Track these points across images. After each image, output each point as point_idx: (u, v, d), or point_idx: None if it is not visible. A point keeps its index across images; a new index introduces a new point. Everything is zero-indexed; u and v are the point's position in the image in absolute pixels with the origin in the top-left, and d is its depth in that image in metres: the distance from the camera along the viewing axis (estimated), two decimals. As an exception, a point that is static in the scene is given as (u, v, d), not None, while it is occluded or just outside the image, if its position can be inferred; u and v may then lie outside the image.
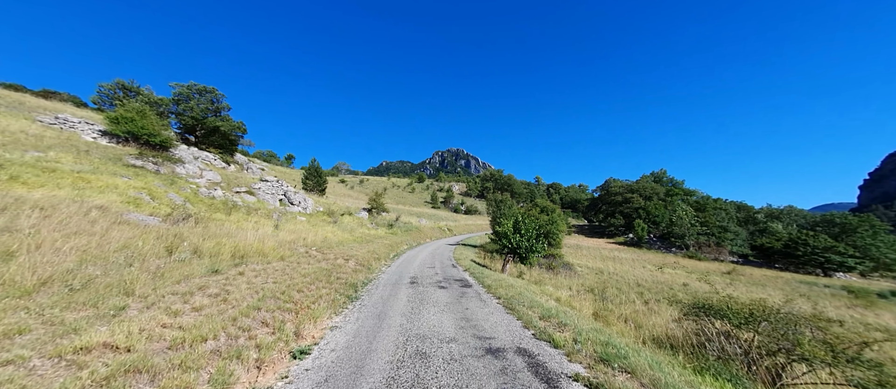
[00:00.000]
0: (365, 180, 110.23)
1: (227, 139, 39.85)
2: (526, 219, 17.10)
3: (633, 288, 18.30)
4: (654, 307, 12.23)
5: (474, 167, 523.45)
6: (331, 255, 11.83)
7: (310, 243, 13.10)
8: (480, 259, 21.88)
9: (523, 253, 15.59)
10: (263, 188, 25.81)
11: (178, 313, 4.23)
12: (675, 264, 39.20)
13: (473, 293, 8.79)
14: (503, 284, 9.67)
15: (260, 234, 10.72)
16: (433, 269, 13.72)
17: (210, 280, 5.71)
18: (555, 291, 12.17)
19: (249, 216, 17.25)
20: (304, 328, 4.83)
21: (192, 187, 17.91)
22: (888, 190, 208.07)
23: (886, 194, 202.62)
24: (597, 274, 23.39)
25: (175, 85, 34.58)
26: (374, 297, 7.77)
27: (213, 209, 15.59)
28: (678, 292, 18.20)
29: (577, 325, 5.50)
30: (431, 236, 36.64)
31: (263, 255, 8.17)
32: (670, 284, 21.44)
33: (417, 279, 10.85)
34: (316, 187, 52.59)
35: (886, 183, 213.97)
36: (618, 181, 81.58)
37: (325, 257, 11.16)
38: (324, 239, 15.98)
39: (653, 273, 28.37)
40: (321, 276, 8.28)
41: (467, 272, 12.83)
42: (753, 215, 55.42)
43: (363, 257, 14.08)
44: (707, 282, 26.16)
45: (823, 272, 36.64)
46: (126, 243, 5.77)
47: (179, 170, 19.79)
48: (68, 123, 19.31)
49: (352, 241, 19.01)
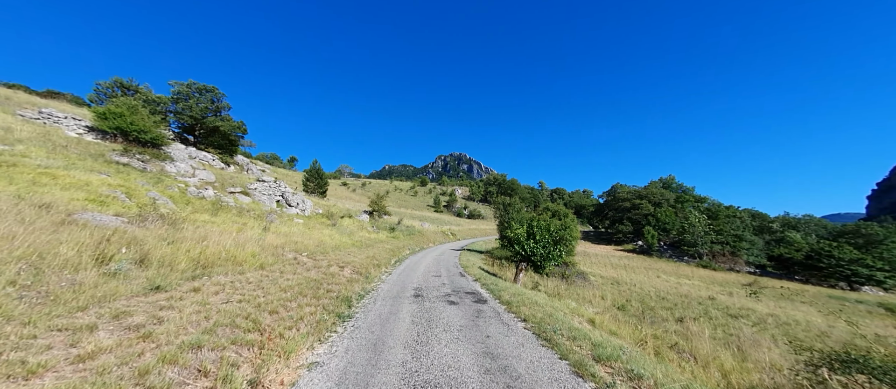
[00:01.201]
0: (367, 183, 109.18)
1: (227, 140, 38.82)
2: (541, 224, 15.64)
3: (658, 302, 16.69)
4: (693, 327, 10.67)
5: (477, 172, 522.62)
6: (324, 261, 10.44)
7: (302, 247, 11.72)
8: (489, 266, 20.37)
9: (538, 261, 14.12)
10: (259, 189, 24.59)
11: (44, 368, 2.63)
12: (691, 274, 37.35)
13: (491, 311, 7.34)
14: (524, 299, 8.21)
15: (242, 238, 9.36)
16: (439, 278, 12.28)
17: (141, 302, 4.28)
18: (578, 306, 10.66)
19: (241, 217, 15.94)
20: (267, 372, 3.42)
21: (181, 186, 16.68)
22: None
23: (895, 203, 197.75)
24: (613, 285, 21.76)
25: (174, 83, 33.69)
26: (370, 316, 6.36)
27: (199, 210, 14.29)
28: (708, 307, 16.54)
29: (654, 375, 3.94)
30: (435, 241, 35.18)
31: (238, 263, 6.80)
32: (694, 297, 19.75)
33: (422, 290, 9.41)
34: (317, 190, 51.45)
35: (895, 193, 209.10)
36: (625, 187, 79.68)
37: (317, 263, 9.76)
38: (318, 243, 14.61)
39: (671, 284, 26.65)
40: (307, 289, 6.89)
41: (478, 283, 11.37)
42: (769, 223, 53.11)
43: (361, 263, 12.67)
44: (730, 294, 24.39)
45: (849, 285, 34.60)
46: (42, 248, 4.42)
47: (169, 168, 18.60)
48: (53, 119, 18.24)
49: (350, 245, 17.63)
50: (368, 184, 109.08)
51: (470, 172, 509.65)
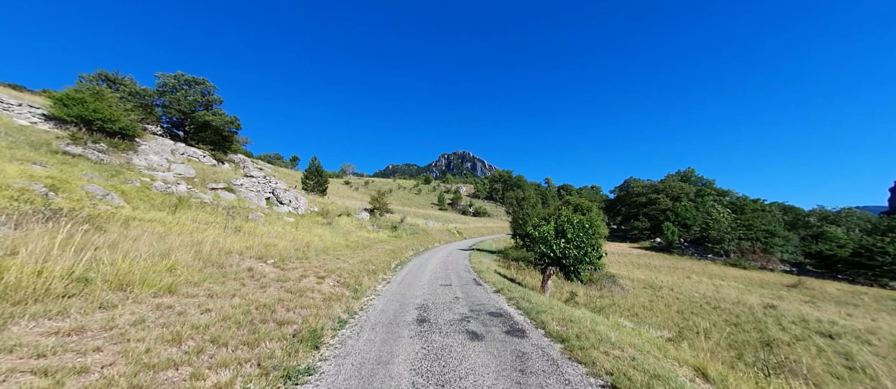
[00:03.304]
0: (370, 182, 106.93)
1: (220, 135, 36.54)
2: (573, 219, 12.85)
3: (717, 314, 13.72)
4: (806, 361, 7.81)
5: (480, 170, 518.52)
6: (296, 272, 7.81)
7: (271, 252, 9.11)
8: (505, 269, 17.60)
9: (570, 265, 11.36)
10: (246, 185, 22.16)
11: None
12: (723, 274, 34.05)
13: (537, 353, 4.62)
14: (580, 328, 5.46)
15: (177, 241, 6.77)
16: (450, 287, 9.59)
17: None
18: (647, 333, 7.85)
19: (213, 216, 13.44)
20: None
21: (145, 180, 14.25)
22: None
23: None
24: (650, 291, 18.82)
25: (160, 75, 31.43)
26: (344, 369, 3.75)
27: (158, 207, 11.81)
28: (781, 321, 13.52)
29: None
30: (440, 240, 32.49)
31: (125, 286, 4.22)
32: (745, 303, 16.68)
33: (429, 310, 6.75)
34: (316, 188, 49.14)
35: None
36: (639, 181, 75.86)
37: (284, 275, 7.12)
38: (304, 246, 12.01)
39: (709, 287, 23.55)
40: (242, 324, 4.25)
41: (502, 296, 8.64)
42: (805, 217, 48.89)
43: (351, 270, 10.02)
44: (780, 298, 21.22)
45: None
46: None
47: (137, 161, 16.20)
48: (2, 105, 15.95)
49: (343, 247, 15.03)
50: (371, 183, 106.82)
51: (474, 170, 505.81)
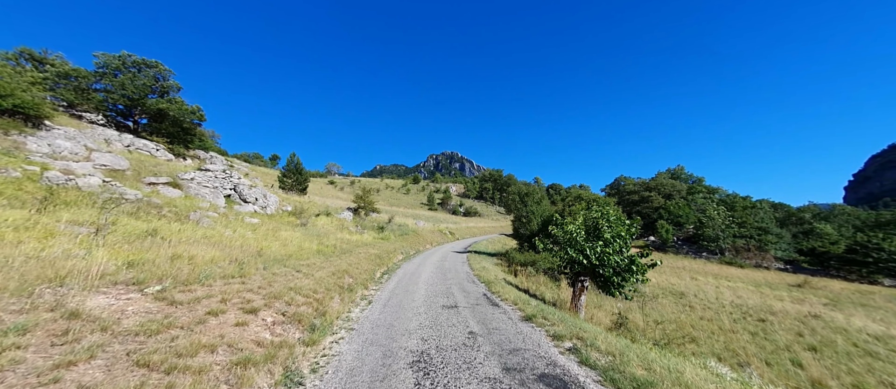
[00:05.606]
0: (356, 182, 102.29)
1: (179, 127, 32.01)
2: (610, 215, 10.20)
3: (754, 324, 11.39)
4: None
5: (469, 170, 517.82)
6: (203, 304, 4.66)
7: (182, 269, 5.87)
8: (512, 276, 14.80)
9: (610, 276, 8.70)
10: (199, 180, 18.39)
11: None
12: (726, 274, 32.66)
13: None
14: None
15: None
16: (456, 310, 6.66)
17: None
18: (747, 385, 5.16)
19: (140, 219, 9.93)
20: None
21: (33, 169, 10.55)
22: (873, 190, 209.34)
23: (871, 194, 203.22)
24: (675, 298, 16.50)
25: (101, 55, 26.76)
26: None
27: (25, 205, 8.26)
28: (843, 343, 11.28)
29: None
30: (432, 242, 29.46)
31: None
32: (787, 313, 14.56)
33: (432, 366, 3.81)
34: (295, 186, 44.95)
35: (870, 184, 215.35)
36: (630, 180, 75.26)
37: (170, 316, 3.99)
38: (252, 254, 8.76)
39: (725, 289, 21.65)
40: None
41: (540, 330, 5.77)
42: (799, 214, 48.90)
43: (314, 289, 6.89)
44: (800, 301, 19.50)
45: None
46: None
47: (33, 145, 12.39)
48: None
49: (314, 253, 11.79)
50: (358, 182, 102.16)
51: (462, 170, 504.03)
